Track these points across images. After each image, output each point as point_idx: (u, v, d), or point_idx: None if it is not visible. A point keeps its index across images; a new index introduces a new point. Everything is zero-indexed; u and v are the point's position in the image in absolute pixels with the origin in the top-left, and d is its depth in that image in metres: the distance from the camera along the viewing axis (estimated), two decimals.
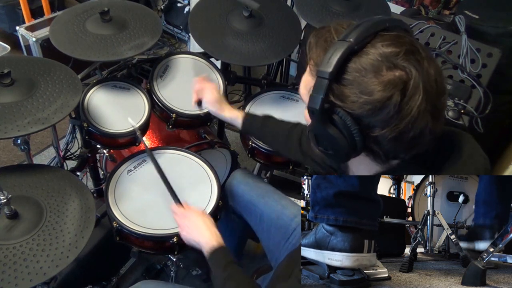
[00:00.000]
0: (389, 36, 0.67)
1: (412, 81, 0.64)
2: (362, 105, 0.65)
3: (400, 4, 2.20)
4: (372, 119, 0.66)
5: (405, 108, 0.64)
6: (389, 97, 0.63)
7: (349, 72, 0.66)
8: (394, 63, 0.64)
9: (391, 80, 0.63)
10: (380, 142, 0.68)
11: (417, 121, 0.65)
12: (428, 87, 0.64)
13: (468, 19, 1.58)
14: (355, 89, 0.65)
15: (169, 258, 1.63)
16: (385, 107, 0.64)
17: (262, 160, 1.54)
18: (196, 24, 1.54)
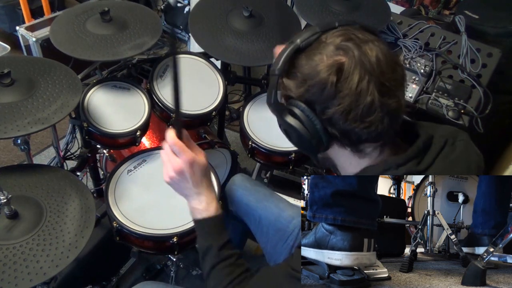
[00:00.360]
0: (333, 32, 0.75)
1: (348, 61, 0.70)
2: (307, 90, 0.73)
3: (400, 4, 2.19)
4: (320, 101, 0.73)
5: (344, 86, 0.70)
6: (326, 78, 0.71)
7: (296, 67, 0.75)
8: (333, 50, 0.72)
9: (329, 64, 0.71)
10: (334, 122, 0.74)
11: (360, 97, 0.70)
12: (368, 66, 0.70)
13: (468, 19, 1.58)
14: (300, 78, 0.74)
15: (169, 258, 1.63)
16: (325, 87, 0.71)
17: (262, 160, 1.53)
18: (196, 24, 1.54)
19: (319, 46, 0.73)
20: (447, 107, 1.46)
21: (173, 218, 1.23)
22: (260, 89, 1.77)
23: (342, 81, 0.70)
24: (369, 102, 0.70)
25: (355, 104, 0.70)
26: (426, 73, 1.53)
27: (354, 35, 0.73)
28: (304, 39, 0.75)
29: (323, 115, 0.74)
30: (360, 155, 0.79)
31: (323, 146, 0.78)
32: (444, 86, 1.49)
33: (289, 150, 1.46)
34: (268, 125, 1.54)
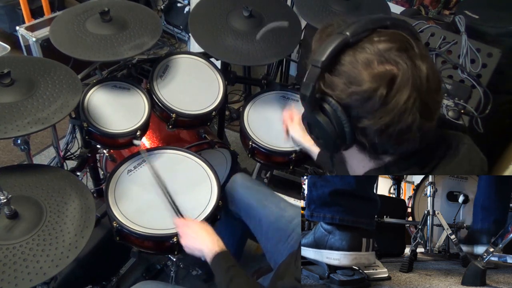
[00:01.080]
0: (386, 33, 0.69)
1: (401, 75, 0.65)
2: (350, 95, 0.68)
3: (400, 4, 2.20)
4: (359, 109, 0.68)
5: (391, 101, 0.66)
6: (376, 89, 0.65)
7: (342, 64, 0.68)
8: (386, 58, 0.66)
9: (380, 73, 0.65)
10: (367, 133, 0.70)
11: (403, 115, 0.66)
12: (419, 83, 0.66)
13: (468, 19, 1.58)
14: (345, 79, 0.68)
15: (169, 258, 1.63)
16: (371, 98, 0.66)
17: (262, 160, 1.54)
18: (196, 24, 1.54)
19: (370, 47, 0.67)
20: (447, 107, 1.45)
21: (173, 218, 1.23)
22: (260, 89, 1.77)
23: (391, 96, 0.65)
24: (409, 123, 0.67)
25: (396, 121, 0.67)
26: None
27: (410, 46, 0.68)
28: (355, 33, 0.68)
29: (357, 122, 0.70)
30: (376, 161, 0.77)
31: (343, 148, 0.76)
32: (444, 86, 1.48)
33: (289, 150, 1.46)
34: (268, 125, 1.54)
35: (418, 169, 0.75)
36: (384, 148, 0.72)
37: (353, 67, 0.67)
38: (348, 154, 0.80)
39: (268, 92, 1.65)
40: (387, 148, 0.72)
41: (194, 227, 1.15)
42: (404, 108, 0.65)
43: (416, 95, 0.66)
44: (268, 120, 1.56)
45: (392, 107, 0.66)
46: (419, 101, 0.66)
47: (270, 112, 1.58)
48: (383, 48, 0.66)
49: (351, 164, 0.83)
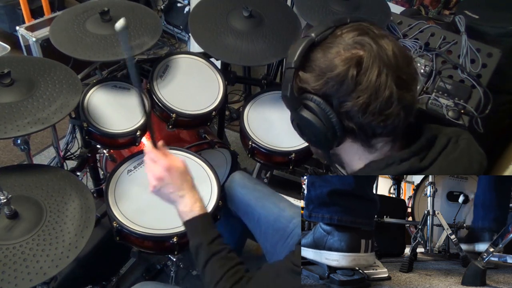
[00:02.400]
0: (347, 26, 0.75)
1: (367, 54, 0.70)
2: (326, 83, 0.73)
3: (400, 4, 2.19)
4: (337, 95, 0.73)
5: (364, 80, 0.70)
6: (346, 70, 0.70)
7: (313, 60, 0.74)
8: (350, 44, 0.72)
9: (348, 57, 0.71)
10: (351, 116, 0.73)
11: (379, 91, 0.70)
12: (386, 59, 0.71)
13: (468, 19, 1.58)
14: (318, 72, 0.73)
15: (169, 258, 1.63)
16: (344, 80, 0.71)
17: (262, 160, 1.53)
18: (196, 24, 1.54)
19: (335, 40, 0.73)
20: (447, 107, 1.45)
21: (173, 218, 1.22)
22: (260, 89, 1.77)
23: (362, 75, 0.70)
24: (387, 96, 0.71)
25: (374, 97, 0.71)
26: (426, 73, 1.53)
27: (369, 30, 0.74)
28: (319, 32, 0.74)
29: (340, 108, 0.73)
30: (370, 150, 0.79)
31: (336, 140, 0.78)
32: (444, 86, 1.48)
33: (289, 150, 1.46)
34: (268, 125, 1.54)
35: (417, 161, 0.76)
36: (373, 128, 0.74)
37: (324, 60, 0.73)
38: (342, 150, 0.83)
39: (268, 92, 1.65)
40: (375, 129, 0.74)
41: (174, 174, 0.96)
42: (378, 83, 0.70)
43: (387, 71, 0.70)
44: (268, 120, 1.56)
45: (366, 85, 0.70)
46: (391, 75, 0.71)
47: (270, 112, 1.58)
48: (346, 37, 0.73)
49: (347, 161, 0.84)
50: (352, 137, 0.78)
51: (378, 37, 0.72)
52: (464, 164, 0.78)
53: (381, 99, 0.71)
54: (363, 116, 0.72)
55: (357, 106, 0.71)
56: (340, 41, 0.73)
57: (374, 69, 0.70)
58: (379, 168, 0.77)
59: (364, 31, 0.73)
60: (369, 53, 0.70)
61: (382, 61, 0.70)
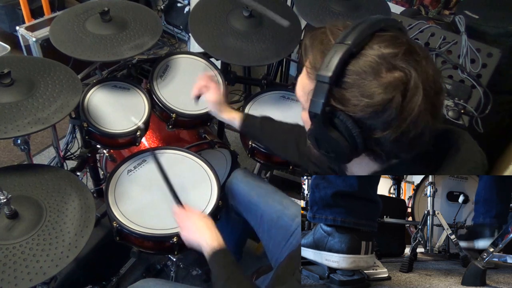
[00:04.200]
0: (386, 37, 0.67)
1: (412, 81, 0.64)
2: (364, 108, 0.65)
3: (400, 4, 2.20)
4: (373, 121, 0.66)
5: (406, 109, 0.64)
6: (391, 99, 0.64)
7: (348, 76, 0.66)
8: (393, 64, 0.64)
9: (392, 82, 0.64)
10: (382, 143, 0.68)
11: (418, 120, 0.65)
12: (427, 86, 0.65)
13: (468, 19, 1.58)
14: (355, 92, 0.65)
15: (169, 258, 1.63)
16: (386, 109, 0.64)
17: (262, 160, 1.53)
18: (196, 24, 1.54)
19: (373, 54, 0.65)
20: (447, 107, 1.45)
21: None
22: (260, 89, 1.77)
23: (405, 103, 0.64)
24: (423, 126, 0.66)
25: (410, 128, 0.65)
26: None
27: (413, 49, 0.66)
28: (356, 41, 0.65)
29: (371, 134, 0.67)
30: (381, 165, 0.76)
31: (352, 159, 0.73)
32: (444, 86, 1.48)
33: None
34: None
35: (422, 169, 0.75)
36: (397, 154, 0.71)
37: (362, 78, 0.65)
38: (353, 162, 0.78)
39: (268, 92, 1.65)
40: (400, 154, 0.71)
41: (193, 219, 1.12)
42: (418, 113, 0.64)
43: (427, 98, 0.65)
44: None
45: (408, 115, 0.64)
46: (429, 103, 0.65)
47: (270, 112, 1.57)
48: (388, 54, 0.65)
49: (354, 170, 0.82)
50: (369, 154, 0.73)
51: (422, 60, 0.65)
52: (468, 166, 0.76)
53: (417, 129, 0.66)
54: (394, 144, 0.67)
55: (394, 135, 0.66)
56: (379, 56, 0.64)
57: (417, 97, 0.63)
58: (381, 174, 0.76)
59: (408, 50, 0.65)
60: (414, 79, 0.63)
61: (424, 89, 0.64)
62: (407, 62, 0.64)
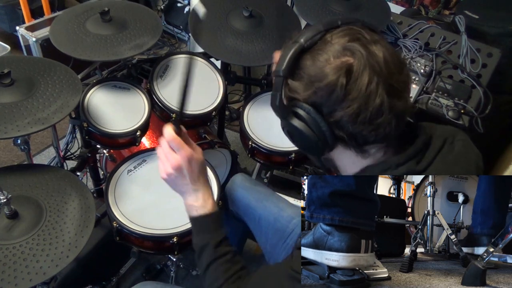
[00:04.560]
0: (337, 30, 0.73)
1: (357, 62, 0.68)
2: (315, 92, 0.71)
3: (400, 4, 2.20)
4: (327, 104, 0.71)
5: (353, 89, 0.69)
6: (336, 80, 0.69)
7: (302, 68, 0.73)
8: (339, 51, 0.70)
9: (337, 65, 0.69)
10: (342, 125, 0.72)
11: (370, 100, 0.69)
12: (377, 67, 0.69)
13: (468, 19, 1.58)
14: (307, 80, 0.72)
15: (169, 258, 1.63)
16: (334, 90, 0.69)
17: (262, 160, 1.54)
18: (196, 24, 1.54)
19: (325, 46, 0.71)
20: (447, 107, 1.46)
21: (173, 218, 1.23)
22: (260, 89, 1.77)
23: (352, 84, 0.68)
24: (378, 105, 0.69)
25: (364, 107, 0.69)
26: (426, 73, 1.53)
27: (360, 35, 0.71)
28: (308, 38, 0.72)
29: (330, 117, 0.72)
30: (364, 155, 0.78)
31: (328, 148, 0.77)
32: (444, 86, 1.49)
33: (289, 150, 1.46)
34: (268, 125, 1.54)
35: (413, 165, 0.75)
36: (364, 137, 0.73)
37: (313, 67, 0.71)
38: (336, 155, 0.82)
39: (268, 92, 1.65)
40: (366, 137, 0.73)
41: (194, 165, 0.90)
42: (368, 92, 0.68)
43: (378, 79, 0.68)
44: (268, 120, 1.55)
45: (356, 94, 0.69)
46: (383, 83, 0.69)
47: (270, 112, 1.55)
48: (337, 44, 0.70)
49: (341, 165, 0.84)
50: (344, 144, 0.77)
51: (369, 43, 0.70)
52: (461, 165, 0.77)
53: (372, 109, 0.69)
54: (353, 125, 0.71)
55: (347, 116, 0.70)
56: (330, 47, 0.71)
57: (364, 77, 0.68)
58: (375, 173, 0.77)
59: (355, 36, 0.71)
60: (359, 61, 0.68)
61: (372, 69, 0.68)
62: (353, 47, 0.69)
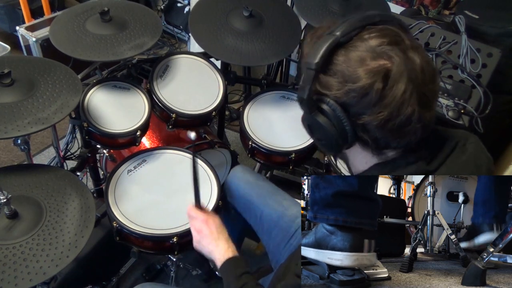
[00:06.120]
0: (375, 29, 0.70)
1: (395, 68, 0.66)
2: (347, 93, 0.69)
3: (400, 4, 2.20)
4: (357, 106, 0.69)
5: (388, 95, 0.67)
6: (372, 84, 0.66)
7: (335, 63, 0.70)
8: (378, 53, 0.67)
9: (374, 68, 0.66)
10: (368, 129, 0.71)
11: (402, 108, 0.67)
12: (413, 75, 0.67)
13: (468, 19, 1.58)
14: (340, 78, 0.69)
15: (169, 258, 1.63)
16: (368, 93, 0.67)
17: (262, 160, 1.54)
18: (196, 24, 1.54)
19: (361, 44, 0.68)
20: (447, 107, 1.45)
21: (173, 218, 1.23)
22: (260, 89, 1.77)
23: (387, 90, 0.66)
24: (409, 114, 0.67)
25: (395, 115, 0.67)
26: None
27: (399, 38, 0.69)
28: (345, 32, 0.69)
29: (357, 119, 0.70)
30: (380, 157, 0.77)
31: (346, 146, 0.76)
32: (444, 86, 1.48)
33: (289, 150, 1.46)
34: (268, 125, 1.54)
35: (424, 164, 0.75)
36: (387, 143, 0.72)
37: (347, 66, 0.68)
38: (351, 152, 0.81)
39: (268, 92, 1.65)
40: (389, 142, 0.72)
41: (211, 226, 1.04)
42: (402, 100, 0.66)
43: (412, 87, 0.66)
44: (268, 120, 1.56)
45: (390, 101, 0.67)
46: (416, 92, 0.67)
47: (270, 112, 1.58)
48: (374, 44, 0.68)
49: (353, 161, 0.83)
50: (362, 144, 0.75)
51: (408, 49, 0.68)
52: (472, 168, 0.77)
53: (402, 117, 0.67)
54: (379, 131, 0.70)
55: (376, 122, 0.68)
56: (367, 46, 0.68)
57: (400, 85, 0.66)
58: (384, 171, 0.76)
59: (394, 39, 0.68)
60: (397, 67, 0.66)
61: (409, 77, 0.66)
62: (391, 51, 0.67)
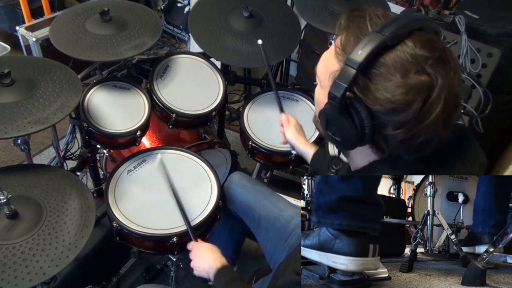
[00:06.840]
0: (423, 38, 0.65)
1: (437, 89, 0.63)
2: (383, 103, 0.64)
3: (400, 4, 2.20)
4: (388, 118, 0.66)
5: (423, 115, 0.64)
6: (411, 102, 0.63)
7: (377, 67, 0.65)
8: (423, 68, 0.63)
9: (417, 85, 0.63)
10: (389, 140, 0.68)
11: (430, 128, 0.65)
12: (449, 100, 0.64)
13: (468, 19, 1.58)
14: (380, 86, 0.64)
15: (169, 258, 1.63)
16: (405, 110, 0.63)
17: (262, 160, 1.54)
18: (196, 24, 1.54)
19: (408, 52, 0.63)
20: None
21: (173, 218, 1.23)
22: (260, 89, 1.77)
23: (424, 111, 0.63)
24: (432, 134, 0.66)
25: (420, 133, 0.65)
26: None
27: (446, 57, 0.65)
28: (394, 34, 0.63)
29: (381, 129, 0.67)
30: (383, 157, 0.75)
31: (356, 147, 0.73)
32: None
33: (289, 150, 1.46)
34: (268, 125, 1.54)
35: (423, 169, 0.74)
36: (399, 153, 0.70)
37: (389, 73, 0.64)
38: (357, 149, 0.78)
39: (268, 92, 1.65)
40: (403, 154, 0.70)
41: (200, 248, 1.16)
42: (433, 121, 0.64)
43: (445, 111, 0.64)
44: (268, 120, 1.56)
45: (423, 120, 0.64)
46: (446, 115, 0.65)
47: (270, 112, 1.58)
48: (421, 56, 0.63)
49: (354, 157, 0.82)
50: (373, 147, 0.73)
51: (451, 69, 0.64)
52: (468, 166, 0.77)
53: (427, 136, 0.66)
54: (400, 146, 0.67)
55: (401, 137, 0.66)
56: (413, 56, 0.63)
57: (437, 106, 0.63)
58: (382, 170, 0.75)
59: (441, 57, 0.64)
60: (439, 90, 0.62)
61: (445, 102, 0.63)
62: (436, 69, 0.63)
